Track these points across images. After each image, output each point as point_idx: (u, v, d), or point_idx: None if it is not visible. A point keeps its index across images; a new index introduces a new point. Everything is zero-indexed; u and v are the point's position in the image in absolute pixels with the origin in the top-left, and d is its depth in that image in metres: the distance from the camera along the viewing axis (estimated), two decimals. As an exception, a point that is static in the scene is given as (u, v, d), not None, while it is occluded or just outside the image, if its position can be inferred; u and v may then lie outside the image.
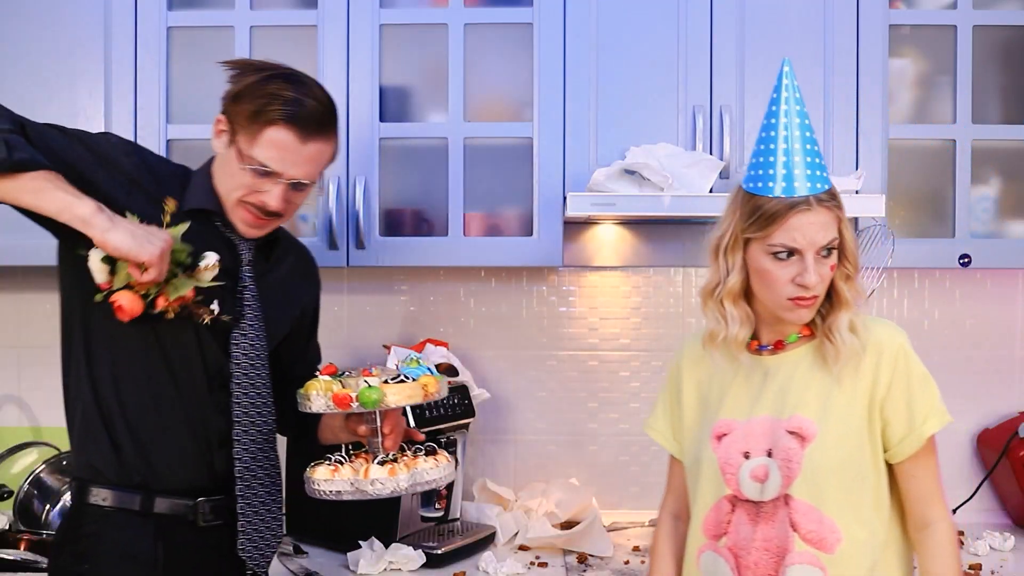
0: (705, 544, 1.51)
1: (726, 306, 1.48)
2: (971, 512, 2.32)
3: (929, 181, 2.19)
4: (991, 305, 2.42)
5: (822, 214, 1.40)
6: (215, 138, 1.55)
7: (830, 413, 1.45)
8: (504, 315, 2.42)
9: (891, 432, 1.46)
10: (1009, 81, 2.18)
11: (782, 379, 1.49)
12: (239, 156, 1.50)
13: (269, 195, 1.52)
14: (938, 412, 1.49)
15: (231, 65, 1.57)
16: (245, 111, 1.50)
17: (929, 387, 1.49)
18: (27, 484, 2.29)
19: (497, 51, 2.15)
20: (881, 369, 1.45)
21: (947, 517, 1.49)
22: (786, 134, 1.43)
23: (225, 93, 1.55)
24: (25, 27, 2.11)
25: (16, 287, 2.46)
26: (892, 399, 1.46)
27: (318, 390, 1.50)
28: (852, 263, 1.46)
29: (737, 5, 2.08)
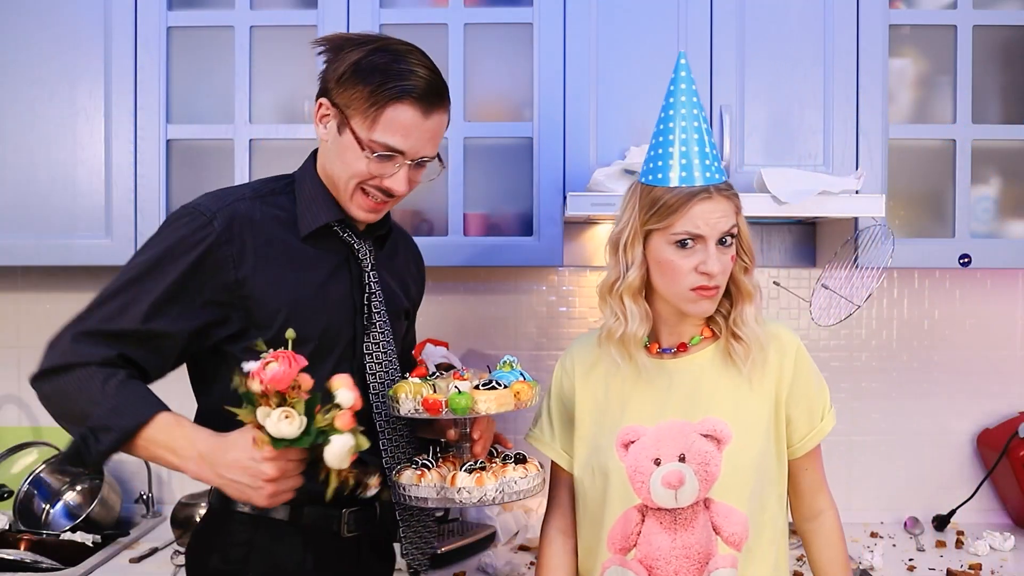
0: (610, 559, 1.47)
1: (626, 302, 1.46)
2: (971, 512, 2.32)
3: (929, 181, 2.19)
4: (991, 305, 2.42)
5: (722, 202, 1.41)
6: (318, 125, 1.46)
7: (742, 413, 1.45)
8: (504, 315, 2.42)
9: (794, 429, 1.49)
10: (1009, 81, 2.18)
11: (689, 382, 1.48)
12: (358, 142, 1.41)
13: (394, 179, 1.44)
14: (831, 409, 1.53)
15: (322, 42, 1.48)
16: (358, 92, 1.40)
17: (823, 386, 1.53)
18: (27, 484, 2.29)
19: (497, 51, 2.15)
20: (784, 368, 1.47)
21: (833, 506, 1.55)
22: (684, 124, 1.44)
23: (323, 74, 1.46)
24: (25, 27, 2.11)
25: (16, 287, 2.46)
26: (795, 397, 1.48)
27: (407, 392, 1.43)
28: (749, 256, 1.47)
29: (737, 5, 2.08)
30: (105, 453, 1.33)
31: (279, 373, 1.20)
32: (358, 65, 1.41)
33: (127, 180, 2.10)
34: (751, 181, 2.05)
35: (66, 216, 2.12)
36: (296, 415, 1.21)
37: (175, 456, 1.33)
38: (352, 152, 1.43)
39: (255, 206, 1.45)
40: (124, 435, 1.32)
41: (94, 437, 1.31)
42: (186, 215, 1.43)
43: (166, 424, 1.34)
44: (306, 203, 1.48)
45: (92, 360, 1.34)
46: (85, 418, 1.32)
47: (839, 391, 2.42)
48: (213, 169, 2.17)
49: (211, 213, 1.41)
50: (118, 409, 1.32)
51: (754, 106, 2.09)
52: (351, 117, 1.41)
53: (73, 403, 1.34)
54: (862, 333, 2.43)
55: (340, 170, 1.45)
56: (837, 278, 2.11)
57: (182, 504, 2.16)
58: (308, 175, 1.51)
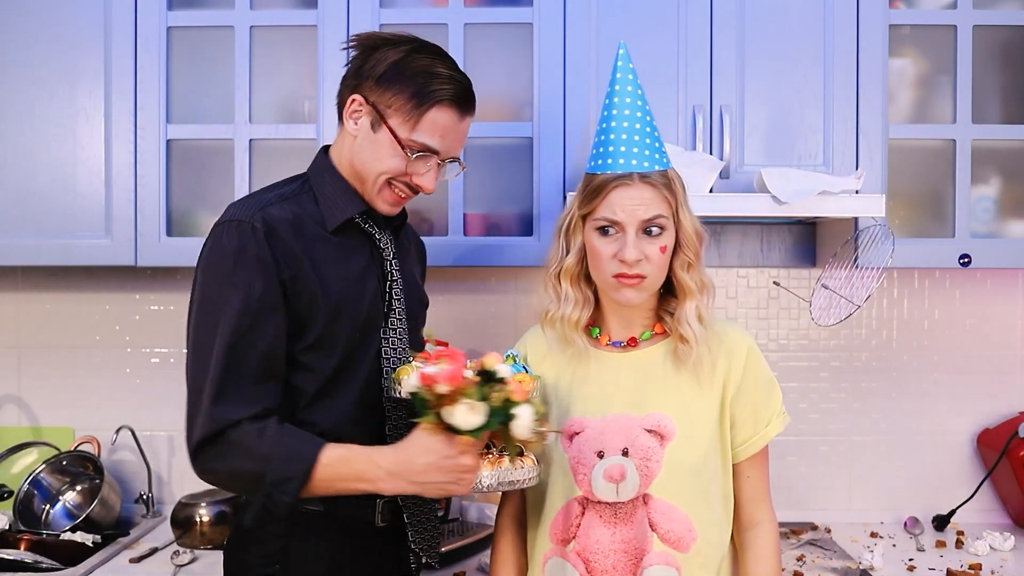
0: (551, 550, 1.48)
1: (562, 285, 1.50)
2: (971, 512, 2.32)
3: (929, 181, 2.19)
4: (991, 305, 2.42)
5: (645, 190, 1.42)
6: (349, 119, 1.50)
7: (688, 411, 1.45)
8: (504, 315, 2.42)
9: (737, 432, 1.48)
10: (1009, 81, 2.18)
11: (638, 376, 1.48)
12: (395, 140, 1.47)
13: (425, 177, 1.50)
14: (780, 415, 1.50)
15: (355, 39, 1.52)
16: (399, 93, 1.45)
17: (774, 391, 1.50)
18: (27, 484, 2.29)
19: (497, 51, 2.15)
20: (732, 370, 1.46)
21: (773, 519, 1.51)
22: (616, 112, 1.46)
23: (356, 71, 1.49)
24: (25, 27, 2.11)
25: (16, 287, 2.46)
26: (741, 400, 1.47)
27: (409, 375, 1.42)
28: (692, 252, 1.46)
29: (737, 5, 2.08)
30: (292, 503, 1.37)
31: (451, 371, 1.27)
32: (398, 66, 1.46)
33: (127, 180, 2.10)
34: (751, 181, 2.05)
35: (66, 216, 2.12)
36: (476, 403, 1.27)
37: (365, 483, 1.38)
38: (388, 149, 1.48)
39: (285, 208, 1.47)
40: (304, 479, 1.36)
41: (278, 491, 1.35)
42: (228, 229, 1.43)
43: (340, 457, 1.39)
44: (329, 198, 1.51)
45: (240, 417, 1.37)
46: (261, 477, 1.35)
47: (839, 391, 2.42)
48: (213, 169, 2.17)
49: (248, 219, 1.43)
50: (290, 457, 1.36)
51: (754, 106, 2.09)
52: (389, 116, 1.47)
53: (241, 467, 1.36)
54: (862, 333, 2.43)
55: (372, 165, 1.49)
56: (837, 278, 2.11)
57: (182, 504, 2.16)
58: (325, 171, 1.54)
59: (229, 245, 1.41)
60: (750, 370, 1.47)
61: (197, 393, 1.40)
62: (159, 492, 2.43)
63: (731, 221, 2.37)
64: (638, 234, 1.42)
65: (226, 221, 1.45)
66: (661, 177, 1.44)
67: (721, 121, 2.07)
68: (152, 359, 2.45)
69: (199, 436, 1.38)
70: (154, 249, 2.10)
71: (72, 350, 2.46)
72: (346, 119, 1.51)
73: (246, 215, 1.44)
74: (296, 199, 1.50)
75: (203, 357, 1.40)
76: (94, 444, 2.33)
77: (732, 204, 1.96)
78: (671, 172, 1.47)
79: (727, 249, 2.42)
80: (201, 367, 1.40)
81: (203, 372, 1.39)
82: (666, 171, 1.46)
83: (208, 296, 1.42)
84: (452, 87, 1.48)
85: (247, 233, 1.41)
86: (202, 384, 1.39)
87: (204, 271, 1.44)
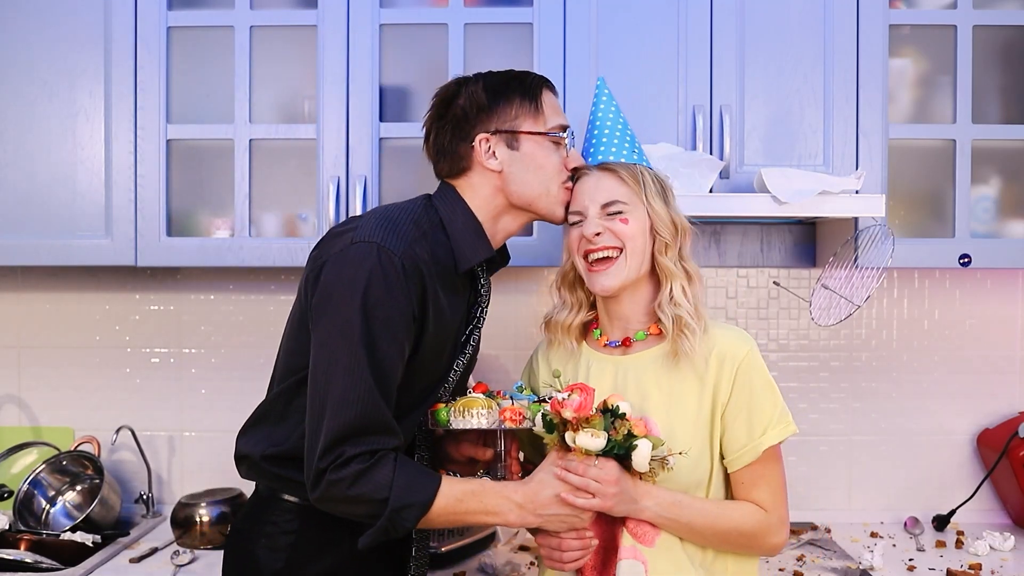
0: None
1: (562, 292, 1.59)
2: (971, 512, 2.32)
3: (929, 181, 2.19)
4: (991, 305, 2.42)
5: (604, 178, 1.51)
6: (487, 160, 1.50)
7: (677, 416, 1.47)
8: (504, 315, 2.42)
9: (729, 440, 1.47)
10: (1009, 81, 2.18)
11: (632, 379, 1.51)
12: (540, 138, 1.50)
13: (572, 156, 1.55)
14: (780, 424, 1.48)
15: (440, 97, 1.55)
16: (512, 102, 1.51)
17: (772, 398, 1.48)
18: (27, 484, 2.29)
19: (497, 51, 2.15)
20: (723, 376, 1.46)
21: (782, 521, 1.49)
22: (596, 120, 1.58)
23: (460, 118, 1.51)
24: (25, 27, 2.11)
25: (16, 287, 2.47)
26: (732, 408, 1.47)
27: (481, 406, 1.48)
28: (668, 235, 1.49)
29: (737, 5, 2.08)
30: (411, 528, 1.40)
31: (582, 402, 1.37)
32: (489, 86, 1.52)
33: (127, 180, 2.10)
34: (751, 181, 2.05)
35: (66, 216, 2.12)
36: (599, 432, 1.37)
37: (494, 516, 1.42)
38: (543, 151, 1.51)
39: (426, 248, 1.45)
40: (425, 507, 1.38)
41: (399, 517, 1.37)
42: (373, 251, 1.39)
43: (470, 491, 1.41)
44: (462, 238, 1.50)
45: (374, 448, 1.38)
46: (383, 503, 1.36)
47: (839, 391, 2.42)
48: (213, 169, 2.17)
49: (400, 253, 1.40)
50: (411, 486, 1.38)
51: (754, 106, 2.09)
52: (519, 126, 1.51)
53: (362, 493, 1.37)
54: (862, 333, 2.43)
55: (540, 178, 1.51)
56: (837, 278, 2.11)
57: (182, 504, 2.16)
58: (459, 207, 1.52)
59: (378, 271, 1.38)
60: (743, 377, 1.47)
61: (332, 419, 1.37)
62: (159, 492, 2.43)
63: (731, 221, 2.37)
64: (600, 215, 1.49)
65: (374, 242, 1.40)
66: (624, 167, 1.52)
67: (721, 121, 2.07)
68: (152, 359, 2.45)
69: (325, 465, 1.37)
70: (154, 249, 2.10)
71: (72, 350, 2.46)
72: (482, 164, 1.50)
73: (396, 246, 1.40)
74: (433, 235, 1.48)
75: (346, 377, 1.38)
76: (94, 444, 2.33)
77: (732, 204, 1.96)
78: (641, 167, 1.53)
79: (727, 249, 2.42)
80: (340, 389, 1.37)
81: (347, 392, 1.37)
82: (634, 164, 1.52)
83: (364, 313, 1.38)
84: (535, 75, 1.56)
85: (395, 266, 1.39)
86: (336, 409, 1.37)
87: (348, 287, 1.39)
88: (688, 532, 1.46)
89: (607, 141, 1.55)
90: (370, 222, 1.44)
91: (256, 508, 1.55)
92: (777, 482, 1.49)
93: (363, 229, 1.42)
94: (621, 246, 1.48)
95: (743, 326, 2.42)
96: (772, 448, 1.47)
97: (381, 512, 1.36)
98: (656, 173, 1.55)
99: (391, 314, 1.38)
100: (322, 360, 1.39)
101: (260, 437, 1.52)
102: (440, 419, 1.50)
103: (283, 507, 1.51)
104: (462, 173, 1.53)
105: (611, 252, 1.49)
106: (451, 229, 1.50)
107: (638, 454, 1.37)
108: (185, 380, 2.44)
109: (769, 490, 1.48)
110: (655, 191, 1.51)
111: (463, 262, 1.49)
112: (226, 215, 2.16)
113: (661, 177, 1.55)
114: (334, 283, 1.40)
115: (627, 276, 1.49)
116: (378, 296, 1.37)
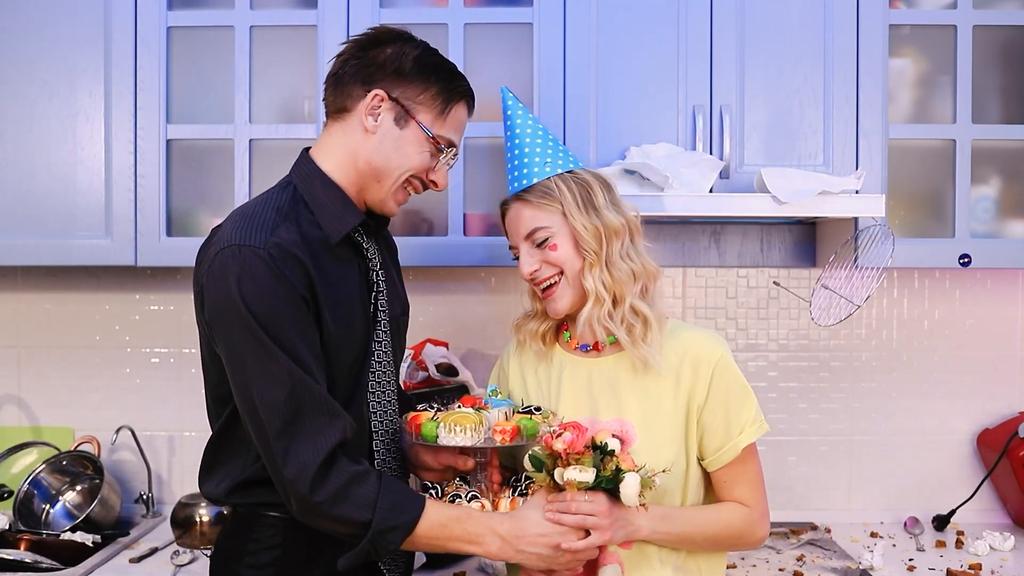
0: None
1: (532, 301, 1.60)
2: (971, 512, 2.32)
3: (929, 181, 2.19)
4: (991, 305, 2.42)
5: (521, 209, 1.50)
6: (368, 116, 1.45)
7: (651, 419, 1.47)
8: (504, 315, 2.42)
9: (708, 441, 1.49)
10: (1009, 81, 2.18)
11: (606, 381, 1.51)
12: (424, 135, 1.46)
13: (440, 173, 1.51)
14: (755, 423, 1.50)
15: (362, 35, 1.50)
16: (428, 88, 1.45)
17: (747, 399, 1.50)
18: (27, 484, 2.29)
19: (497, 51, 2.15)
20: (699, 379, 1.47)
21: (763, 514, 1.51)
22: (507, 141, 1.55)
23: (373, 66, 1.45)
24: (25, 27, 2.11)
25: (16, 287, 2.47)
26: (710, 410, 1.48)
27: (472, 423, 1.43)
28: (591, 250, 1.47)
29: (737, 5, 2.08)
30: (395, 550, 1.39)
31: (573, 440, 1.36)
32: (422, 62, 1.46)
33: (127, 180, 2.10)
34: (751, 181, 2.05)
35: (66, 216, 2.12)
36: (588, 467, 1.36)
37: (475, 546, 1.40)
38: (414, 145, 1.47)
39: (291, 228, 1.40)
40: (409, 530, 1.37)
41: (383, 539, 1.36)
42: (239, 254, 1.35)
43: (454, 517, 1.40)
44: (326, 209, 1.46)
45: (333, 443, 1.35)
46: (366, 525, 1.35)
47: (839, 391, 2.42)
48: (213, 169, 2.17)
49: (260, 245, 1.35)
50: (395, 508, 1.36)
51: (754, 106, 2.09)
52: (417, 112, 1.45)
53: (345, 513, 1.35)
54: (862, 333, 2.43)
55: (396, 162, 1.47)
56: (837, 278, 2.11)
57: (182, 504, 2.16)
58: (317, 179, 1.47)
59: (246, 271, 1.34)
60: (719, 380, 1.48)
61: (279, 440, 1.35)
62: (159, 492, 2.43)
63: (731, 221, 2.37)
64: (529, 249, 1.50)
65: (233, 245, 1.35)
66: (536, 190, 1.50)
67: (721, 121, 2.07)
68: (152, 359, 2.45)
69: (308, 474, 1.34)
70: (154, 249, 2.10)
71: (72, 350, 2.46)
72: (361, 116, 1.45)
73: (256, 239, 1.35)
74: (295, 214, 1.43)
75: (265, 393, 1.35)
76: (94, 444, 2.33)
77: (732, 204, 1.96)
78: (556, 178, 1.50)
79: (727, 249, 2.42)
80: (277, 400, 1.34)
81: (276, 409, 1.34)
82: (548, 179, 1.50)
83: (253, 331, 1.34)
84: (467, 84, 1.51)
85: (265, 260, 1.34)
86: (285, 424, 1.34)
87: (225, 298, 1.34)
88: (681, 542, 1.47)
89: (520, 163, 1.52)
90: (227, 227, 1.41)
91: (238, 525, 1.51)
92: (756, 477, 1.52)
93: (221, 236, 1.39)
94: (559, 270, 1.50)
95: (743, 326, 2.43)
96: (749, 446, 1.50)
97: (364, 533, 1.35)
98: (580, 176, 1.51)
99: (276, 305, 1.34)
100: (236, 375, 1.36)
101: (220, 478, 1.48)
102: (427, 435, 1.46)
103: (265, 522, 1.46)
104: (339, 114, 1.49)
105: (553, 279, 1.51)
106: (314, 204, 1.46)
107: (626, 486, 1.36)
108: (185, 380, 2.44)
109: (750, 486, 1.51)
110: (574, 201, 1.48)
111: (333, 234, 1.45)
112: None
113: (585, 179, 1.51)
114: (214, 299, 1.37)
115: (572, 296, 1.51)
116: (255, 294, 1.33)
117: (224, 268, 1.35)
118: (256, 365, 1.34)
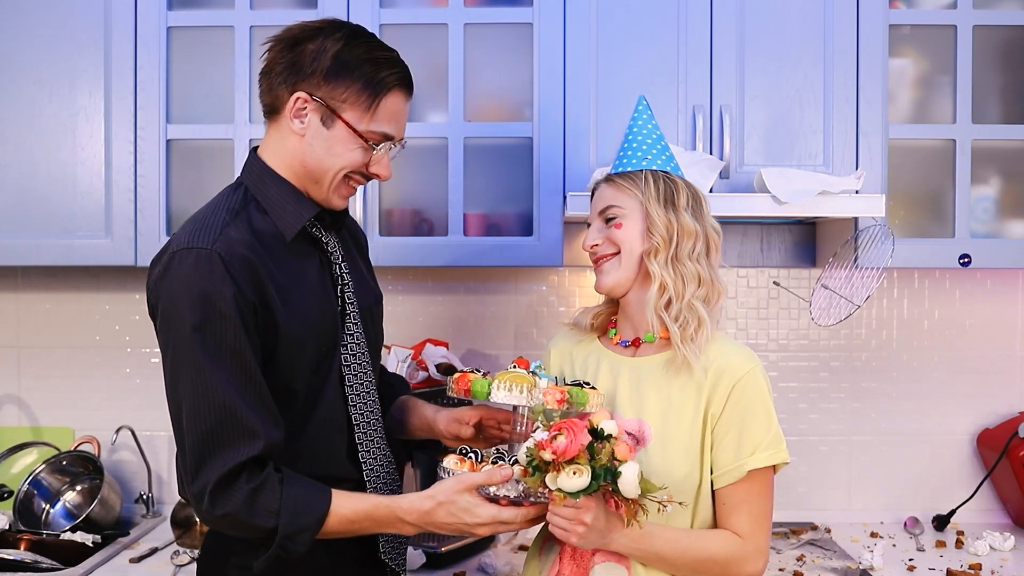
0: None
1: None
2: (971, 512, 2.32)
3: (929, 181, 2.19)
4: (991, 305, 2.42)
5: (606, 188, 1.56)
6: (294, 119, 1.42)
7: (669, 425, 1.46)
8: (504, 315, 2.42)
9: (716, 456, 1.46)
10: (1009, 81, 2.18)
11: (634, 381, 1.51)
12: (355, 134, 1.42)
13: (381, 164, 1.46)
14: (770, 448, 1.44)
15: (275, 39, 1.46)
16: (351, 85, 1.40)
17: (767, 422, 1.45)
18: (27, 484, 2.29)
19: (497, 51, 2.15)
20: (718, 390, 1.45)
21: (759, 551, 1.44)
22: (627, 134, 1.59)
23: (293, 67, 1.42)
24: (25, 27, 2.11)
25: (16, 287, 2.47)
26: (723, 424, 1.45)
27: (527, 383, 1.42)
28: (660, 239, 1.49)
29: (737, 5, 2.08)
30: (307, 550, 1.38)
31: (568, 445, 1.29)
32: (341, 57, 1.41)
33: (127, 180, 2.10)
34: (751, 181, 2.05)
35: (66, 216, 2.12)
36: (583, 468, 1.29)
37: (390, 530, 1.42)
38: (344, 144, 1.43)
39: (242, 227, 1.39)
40: (316, 530, 1.36)
41: (291, 542, 1.35)
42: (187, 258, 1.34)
43: (364, 513, 1.39)
44: (278, 206, 1.44)
45: (242, 459, 1.33)
46: (273, 531, 1.34)
47: (839, 391, 2.42)
48: (213, 169, 2.17)
49: (209, 245, 1.34)
50: (299, 511, 1.35)
51: (754, 106, 2.09)
52: (342, 111, 1.41)
53: (249, 522, 1.35)
54: (862, 333, 2.43)
55: (330, 162, 1.44)
56: (837, 278, 2.11)
57: (182, 504, 2.16)
58: (267, 177, 1.46)
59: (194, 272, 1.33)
60: (738, 395, 1.44)
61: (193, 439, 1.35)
62: (159, 492, 2.43)
63: (731, 221, 2.37)
64: (599, 225, 1.55)
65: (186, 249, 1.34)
66: (627, 175, 1.54)
67: (721, 121, 2.07)
68: (152, 359, 2.45)
69: (210, 490, 1.33)
70: (154, 249, 2.09)
71: (72, 350, 2.46)
72: (288, 118, 1.43)
73: (206, 240, 1.34)
74: (246, 213, 1.42)
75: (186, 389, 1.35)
76: (94, 444, 2.33)
77: (732, 204, 1.96)
78: (648, 172, 1.53)
79: (727, 249, 2.42)
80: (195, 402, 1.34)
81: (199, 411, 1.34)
82: (642, 171, 1.53)
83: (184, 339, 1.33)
84: (399, 70, 1.44)
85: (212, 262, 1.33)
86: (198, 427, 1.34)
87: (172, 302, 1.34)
88: (659, 562, 1.42)
89: (625, 152, 1.56)
90: (180, 232, 1.40)
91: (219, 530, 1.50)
92: (760, 510, 1.45)
93: (175, 241, 1.38)
94: (617, 250, 1.52)
95: (743, 326, 2.43)
96: (760, 472, 1.43)
97: (272, 538, 1.35)
98: (671, 176, 1.53)
99: (219, 310, 1.31)
100: (170, 381, 1.36)
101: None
102: (477, 391, 1.44)
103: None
104: (272, 115, 1.47)
105: (609, 256, 1.54)
106: (266, 202, 1.43)
107: (624, 481, 1.30)
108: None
109: (749, 517, 1.44)
110: (655, 194, 1.50)
111: (287, 230, 1.43)
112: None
113: (675, 181, 1.53)
114: (164, 304, 1.35)
115: (621, 275, 1.52)
116: (198, 300, 1.31)
117: (176, 270, 1.35)
118: (188, 375, 1.33)
